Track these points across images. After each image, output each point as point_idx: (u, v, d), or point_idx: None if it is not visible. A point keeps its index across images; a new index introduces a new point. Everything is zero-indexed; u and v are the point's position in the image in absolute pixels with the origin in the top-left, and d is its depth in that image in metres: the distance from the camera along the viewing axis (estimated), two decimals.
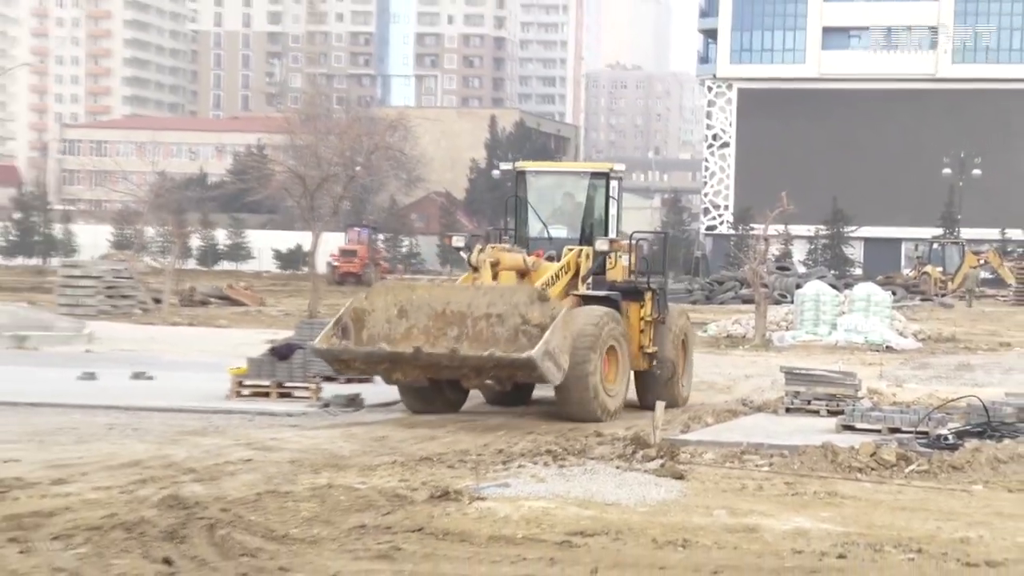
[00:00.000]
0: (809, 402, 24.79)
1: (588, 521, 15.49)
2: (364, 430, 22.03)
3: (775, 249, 74.90)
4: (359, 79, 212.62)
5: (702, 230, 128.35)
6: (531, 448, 20.48)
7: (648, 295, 24.60)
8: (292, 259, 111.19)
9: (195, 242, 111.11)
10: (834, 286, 51.29)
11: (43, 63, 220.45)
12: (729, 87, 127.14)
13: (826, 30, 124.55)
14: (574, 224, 25.05)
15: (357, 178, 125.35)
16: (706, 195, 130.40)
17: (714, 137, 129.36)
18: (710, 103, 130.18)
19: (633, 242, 25.13)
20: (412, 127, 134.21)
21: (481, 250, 23.25)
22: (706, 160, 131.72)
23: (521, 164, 26.87)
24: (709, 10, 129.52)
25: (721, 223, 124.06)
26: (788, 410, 24.85)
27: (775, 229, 64.94)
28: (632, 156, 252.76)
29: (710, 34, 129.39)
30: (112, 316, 48.14)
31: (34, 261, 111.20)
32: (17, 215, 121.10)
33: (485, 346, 21.16)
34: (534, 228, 25.09)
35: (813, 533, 15.10)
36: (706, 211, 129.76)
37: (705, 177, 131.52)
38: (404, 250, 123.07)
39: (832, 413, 23.86)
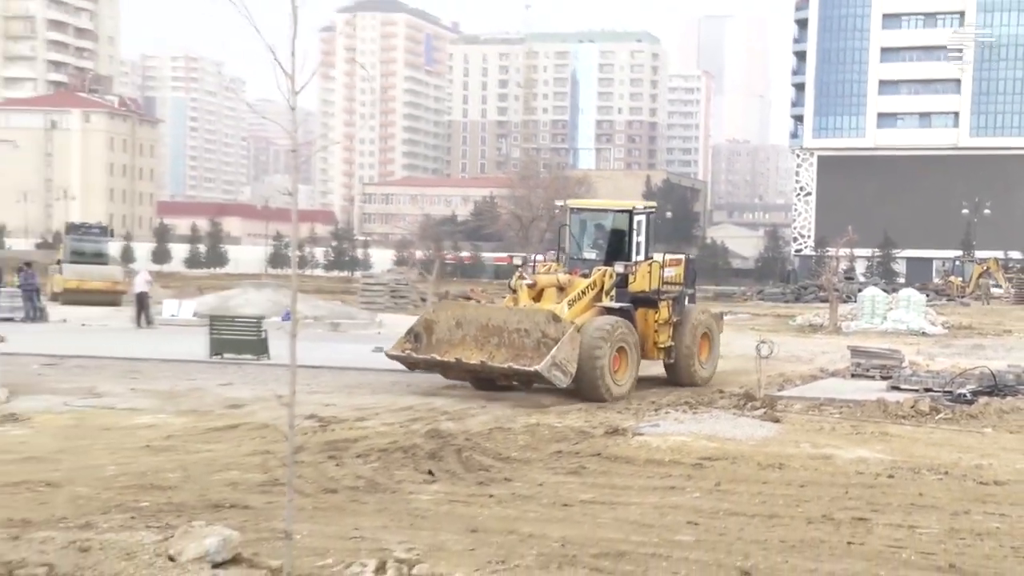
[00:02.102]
0: (867, 370, 24.36)
1: (713, 450, 15.34)
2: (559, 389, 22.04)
3: (843, 265, 73.12)
4: (557, 151, 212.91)
5: (792, 252, 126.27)
6: (674, 401, 20.34)
7: (663, 303, 22.81)
8: (512, 273, 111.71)
9: (448, 260, 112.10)
10: (884, 290, 49.92)
11: (351, 142, 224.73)
12: (811, 154, 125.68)
13: (880, 115, 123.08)
14: (603, 249, 22.99)
15: (556, 218, 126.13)
16: (795, 228, 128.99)
17: (801, 188, 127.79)
18: (798, 165, 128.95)
19: (652, 262, 23.07)
20: (593, 183, 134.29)
21: (520, 277, 22.01)
22: (795, 204, 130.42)
23: (569, 201, 25.49)
24: (798, 101, 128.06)
25: (805, 247, 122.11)
26: (853, 375, 24.46)
27: (843, 251, 63.53)
28: (743, 202, 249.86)
29: (798, 118, 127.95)
30: (394, 310, 48.92)
31: (344, 273, 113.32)
32: (333, 243, 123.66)
33: (514, 355, 19.86)
34: (574, 252, 23.28)
35: (870, 460, 14.78)
36: (795, 239, 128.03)
37: (794, 216, 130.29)
38: None
39: (884, 378, 23.42)
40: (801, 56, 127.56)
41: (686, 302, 23.95)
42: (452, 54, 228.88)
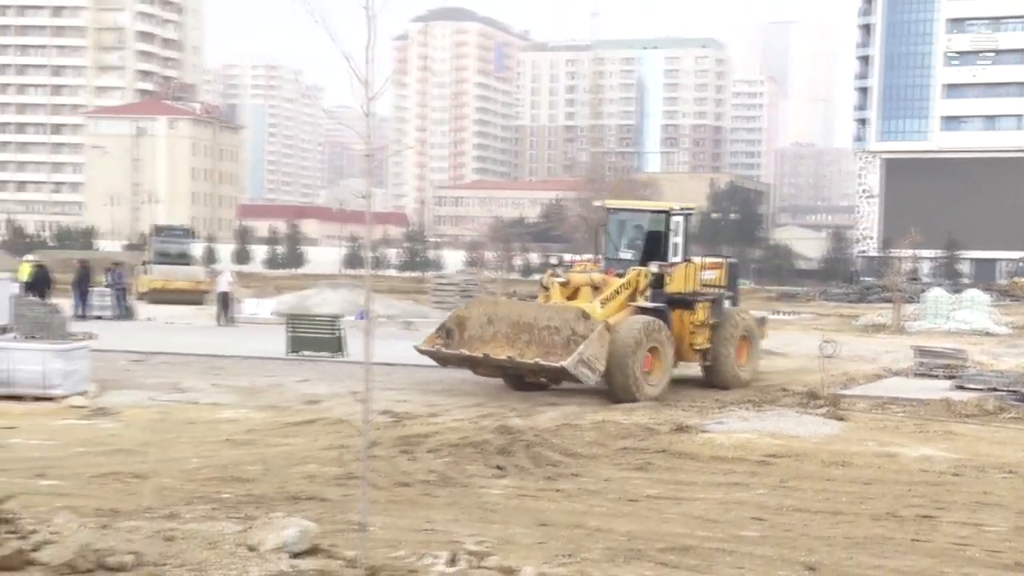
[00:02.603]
0: (932, 369, 23.97)
1: (778, 447, 15.20)
2: None
3: (908, 266, 72.01)
4: (624, 155, 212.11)
5: (856, 254, 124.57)
6: (738, 399, 20.18)
7: (700, 305, 21.90)
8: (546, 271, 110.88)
9: (516, 261, 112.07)
10: (949, 291, 49.09)
11: (423, 147, 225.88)
12: (876, 157, 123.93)
13: (944, 118, 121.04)
14: (639, 250, 22.19)
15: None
16: (859, 229, 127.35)
17: (865, 191, 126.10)
18: (862, 168, 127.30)
19: (687, 264, 22.24)
20: (658, 186, 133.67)
21: (552, 274, 21.51)
22: (859, 206, 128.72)
23: (607, 201, 24.74)
24: (862, 105, 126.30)
25: (869, 248, 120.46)
26: (917, 375, 24.07)
27: (908, 252, 62.57)
28: (807, 204, 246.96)
29: (862, 122, 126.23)
30: None
31: (416, 273, 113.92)
32: (406, 244, 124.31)
33: (544, 352, 19.24)
34: (611, 252, 22.58)
35: (935, 458, 14.55)
36: (859, 240, 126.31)
37: (858, 217, 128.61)
38: None
39: (948, 377, 23.01)
40: (866, 60, 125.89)
41: (724, 304, 23.03)
42: (522, 61, 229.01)
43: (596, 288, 20.97)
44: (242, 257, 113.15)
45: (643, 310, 20.82)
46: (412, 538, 9.63)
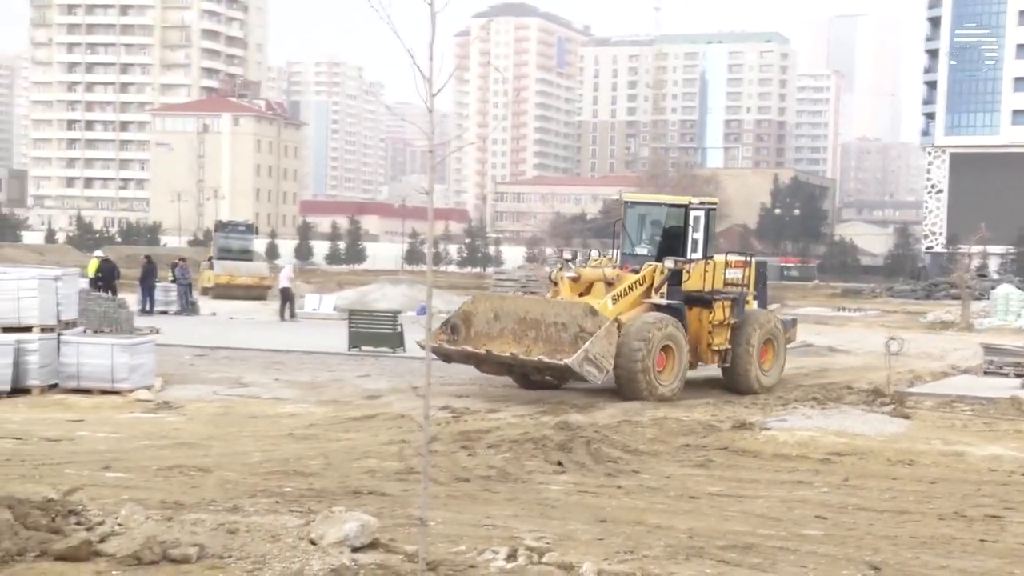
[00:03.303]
0: (1000, 368, 23.55)
1: (841, 445, 15.05)
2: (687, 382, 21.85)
3: (976, 262, 70.94)
4: (686, 150, 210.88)
5: (923, 250, 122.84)
6: (801, 396, 19.99)
7: (719, 304, 20.96)
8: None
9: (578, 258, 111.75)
10: (1019, 287, 48.23)
11: (484, 142, 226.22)
12: (943, 151, 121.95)
13: (1014, 111, 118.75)
14: (657, 245, 21.29)
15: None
16: (926, 225, 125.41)
17: (932, 186, 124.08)
18: (929, 163, 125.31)
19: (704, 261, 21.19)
20: (721, 181, 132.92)
21: (560, 269, 20.88)
22: (926, 202, 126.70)
23: (624, 194, 24.51)
24: (929, 98, 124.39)
25: (936, 244, 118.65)
26: (985, 373, 23.68)
27: (976, 248, 61.66)
28: (873, 199, 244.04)
29: (930, 116, 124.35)
30: None
31: (477, 269, 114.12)
32: (467, 240, 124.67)
33: (551, 350, 18.57)
34: (627, 247, 21.71)
35: (1004, 458, 14.32)
36: (926, 236, 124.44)
37: (925, 213, 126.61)
38: None
39: (1018, 375, 22.62)
40: (933, 54, 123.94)
41: (746, 305, 21.87)
42: (583, 56, 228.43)
43: (610, 284, 20.29)
44: (304, 253, 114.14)
45: (658, 307, 20.10)
46: (472, 533, 9.66)
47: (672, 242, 21.10)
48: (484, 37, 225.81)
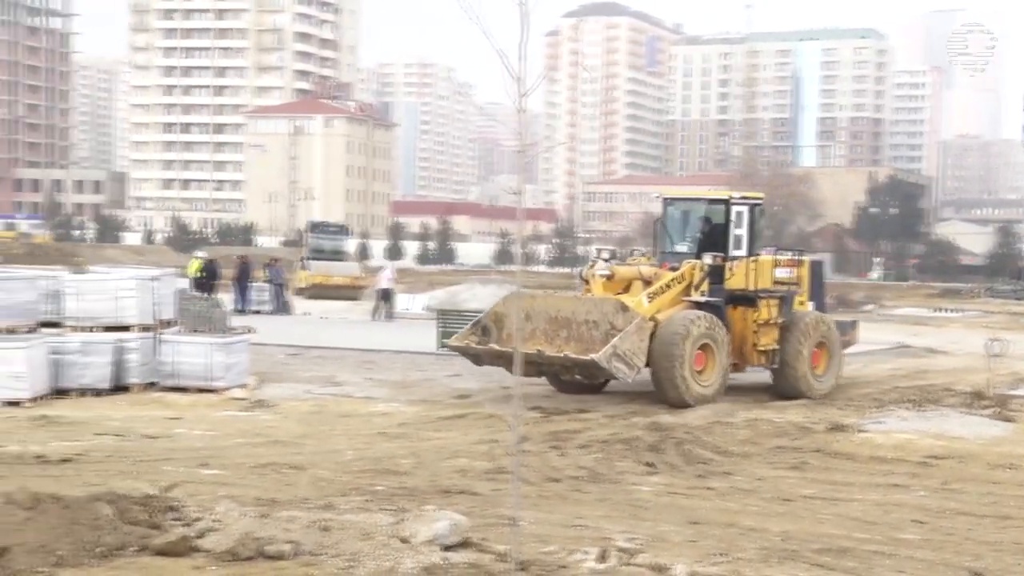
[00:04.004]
0: None
1: (940, 448, 14.76)
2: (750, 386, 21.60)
3: None
4: (778, 149, 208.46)
5: None
6: (898, 398, 19.64)
7: (764, 303, 19.98)
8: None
9: None
10: None
11: (573, 142, 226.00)
12: None
13: None
14: (697, 242, 20.41)
15: (776, 215, 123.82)
16: None
17: None
18: None
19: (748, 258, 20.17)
20: (815, 180, 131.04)
21: (592, 266, 20.20)
22: None
23: (663, 190, 22.95)
24: None
25: None
26: None
27: None
28: (973, 197, 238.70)
29: None
30: None
31: (566, 269, 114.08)
32: (556, 240, 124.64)
33: (583, 349, 17.85)
34: (667, 245, 20.89)
35: None
36: None
37: None
38: None
39: None
40: None
41: (800, 306, 21.01)
42: (674, 55, 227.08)
43: (647, 282, 19.56)
44: (394, 253, 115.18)
45: (698, 305, 19.34)
46: (562, 533, 9.66)
47: (714, 239, 20.25)
48: (574, 37, 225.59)
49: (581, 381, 19.20)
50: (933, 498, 11.97)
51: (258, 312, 37.44)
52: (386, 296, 37.55)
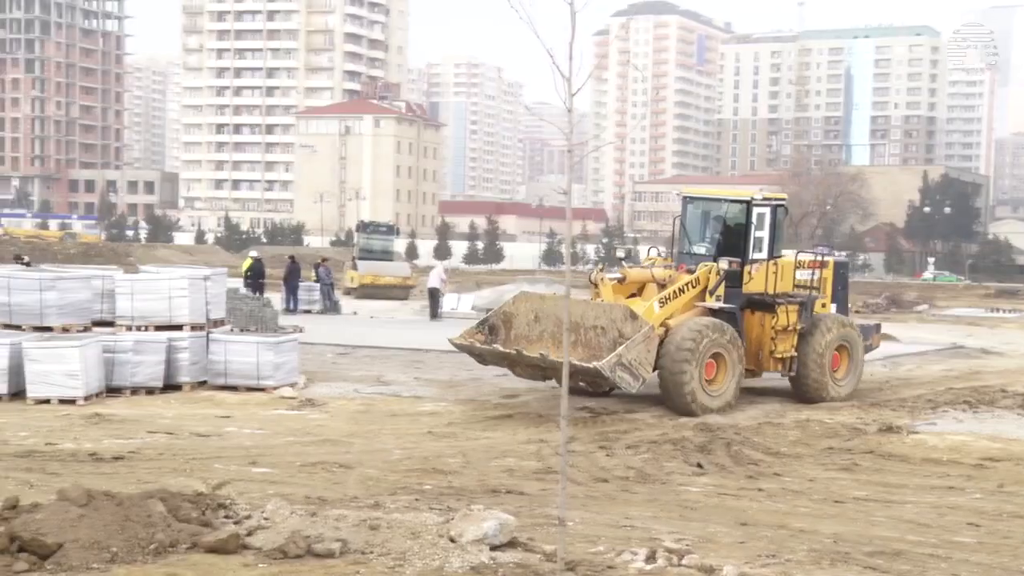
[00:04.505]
0: None
1: (996, 451, 14.57)
2: None
3: None
4: (830, 148, 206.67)
5: None
6: (952, 399, 19.39)
7: (783, 308, 19.26)
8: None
9: None
10: None
11: (622, 142, 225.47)
12: None
13: None
14: (715, 244, 19.75)
15: (827, 214, 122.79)
16: None
17: None
18: None
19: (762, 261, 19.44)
20: (867, 179, 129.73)
21: (601, 270, 19.54)
22: None
23: (683, 189, 22.16)
24: None
25: None
26: None
27: None
28: None
29: None
30: None
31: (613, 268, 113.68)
32: (605, 240, 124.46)
33: (590, 355, 17.12)
34: (684, 246, 20.04)
35: None
36: None
37: None
38: (860, 262, 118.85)
39: None
40: None
41: (822, 308, 20.40)
42: (724, 53, 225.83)
43: (662, 285, 18.87)
44: (442, 252, 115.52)
45: (711, 311, 18.68)
46: (610, 534, 9.63)
47: (733, 241, 19.57)
48: (623, 36, 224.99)
49: (585, 388, 18.38)
50: (989, 501, 11.82)
51: (307, 312, 37.65)
52: (433, 296, 37.66)
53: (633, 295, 19.04)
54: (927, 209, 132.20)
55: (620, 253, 20.86)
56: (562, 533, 7.96)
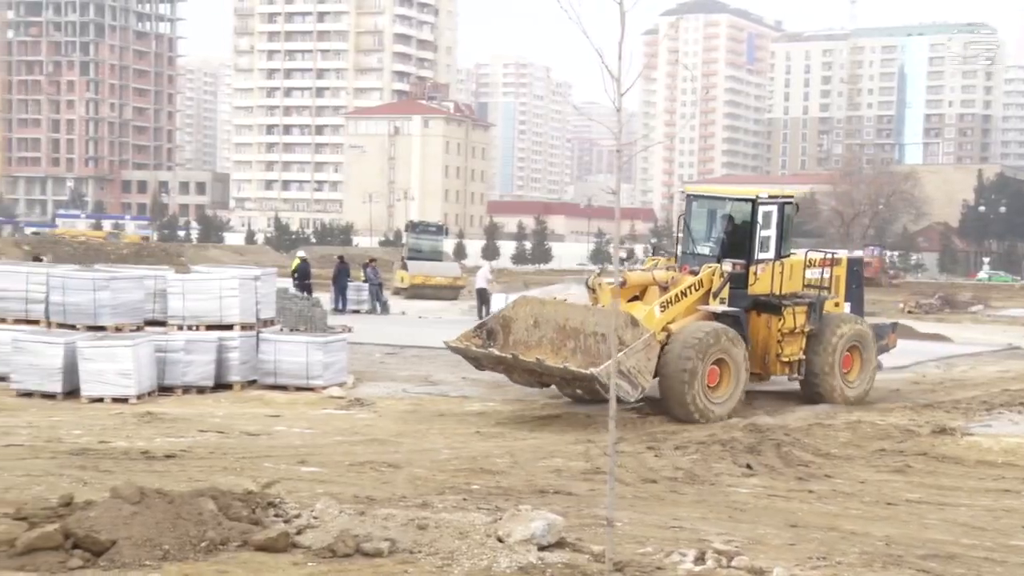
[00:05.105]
0: None
1: None
2: (883, 384, 21.24)
3: None
4: (882, 147, 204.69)
5: None
6: (1008, 400, 19.16)
7: (790, 309, 18.70)
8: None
9: None
10: None
11: (671, 141, 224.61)
12: None
13: None
14: (719, 244, 19.05)
15: (879, 214, 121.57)
16: None
17: None
18: None
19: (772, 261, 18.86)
20: (920, 178, 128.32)
21: (598, 275, 19.09)
22: None
23: (687, 187, 21.66)
24: None
25: None
26: None
27: None
28: None
29: None
30: None
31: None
32: (653, 240, 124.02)
33: (590, 362, 16.51)
34: (689, 246, 19.38)
35: None
36: None
37: None
38: (913, 262, 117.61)
39: None
40: None
41: (835, 308, 19.86)
42: (774, 52, 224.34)
43: (664, 288, 18.16)
44: (490, 252, 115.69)
45: (715, 315, 18.03)
46: (659, 535, 9.60)
47: (739, 241, 18.90)
48: (673, 35, 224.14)
49: (582, 396, 17.82)
50: None
51: (356, 311, 37.82)
52: (482, 296, 37.70)
53: (636, 298, 18.43)
54: (982, 208, 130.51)
55: (622, 254, 19.78)
56: (610, 533, 7.95)
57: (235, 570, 7.98)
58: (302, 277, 35.44)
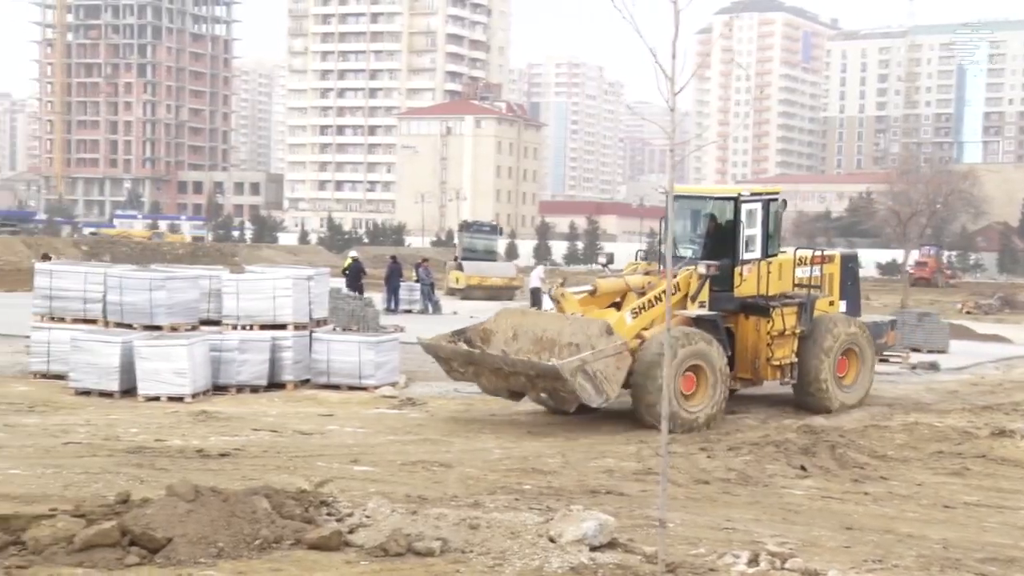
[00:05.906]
0: None
1: None
2: (941, 385, 21.01)
3: None
4: (940, 145, 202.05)
5: None
6: None
7: (778, 311, 17.90)
8: (889, 269, 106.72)
9: None
10: None
11: (725, 141, 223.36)
12: None
13: None
14: (701, 244, 18.24)
15: (937, 213, 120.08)
16: None
17: None
18: None
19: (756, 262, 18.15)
20: (979, 177, 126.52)
21: (561, 284, 18.35)
22: None
23: (679, 188, 20.84)
24: None
25: None
26: None
27: None
28: None
29: None
30: None
31: None
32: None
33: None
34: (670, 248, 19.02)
35: None
36: None
37: None
38: (971, 261, 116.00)
39: None
40: None
41: (829, 307, 19.22)
42: (830, 50, 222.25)
43: (642, 294, 17.38)
44: (542, 253, 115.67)
45: (693, 320, 17.17)
46: (711, 536, 9.55)
47: (722, 241, 18.15)
48: (727, 34, 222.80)
49: (546, 401, 16.83)
50: None
51: (408, 311, 37.96)
52: (535, 295, 37.70)
53: (617, 305, 17.65)
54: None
55: (602, 259, 19.55)
56: (662, 534, 7.92)
57: (288, 568, 8.04)
58: (354, 277, 35.63)
